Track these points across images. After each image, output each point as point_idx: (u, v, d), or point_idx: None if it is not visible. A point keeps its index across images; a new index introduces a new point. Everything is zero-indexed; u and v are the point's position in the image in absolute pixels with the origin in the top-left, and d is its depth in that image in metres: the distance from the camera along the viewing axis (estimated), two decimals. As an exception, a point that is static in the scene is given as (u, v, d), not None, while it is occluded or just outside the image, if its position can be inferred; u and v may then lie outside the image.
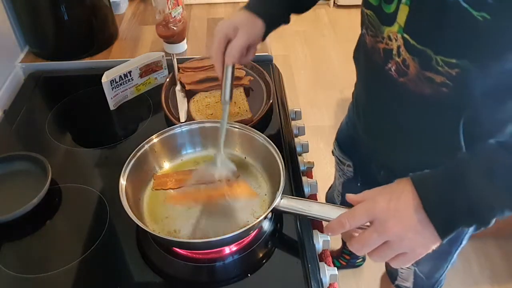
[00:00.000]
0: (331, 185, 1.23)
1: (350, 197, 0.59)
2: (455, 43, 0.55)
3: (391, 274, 1.08)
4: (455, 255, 0.92)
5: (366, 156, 0.90)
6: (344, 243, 1.60)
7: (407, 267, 0.98)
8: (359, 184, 1.02)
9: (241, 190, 0.75)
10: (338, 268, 1.61)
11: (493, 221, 0.53)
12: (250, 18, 0.74)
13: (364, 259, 1.65)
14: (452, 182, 0.52)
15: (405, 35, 0.59)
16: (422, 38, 0.58)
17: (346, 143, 1.01)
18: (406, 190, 0.54)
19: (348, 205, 0.60)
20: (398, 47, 0.62)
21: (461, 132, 0.64)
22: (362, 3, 0.69)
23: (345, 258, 1.63)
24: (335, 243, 1.66)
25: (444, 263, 0.94)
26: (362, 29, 0.72)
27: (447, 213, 0.52)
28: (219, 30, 0.72)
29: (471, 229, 0.60)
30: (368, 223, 0.55)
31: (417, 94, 0.63)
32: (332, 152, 1.07)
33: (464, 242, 0.87)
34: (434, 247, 0.54)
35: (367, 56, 0.71)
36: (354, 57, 0.80)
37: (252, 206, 0.73)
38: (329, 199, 1.26)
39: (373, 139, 0.83)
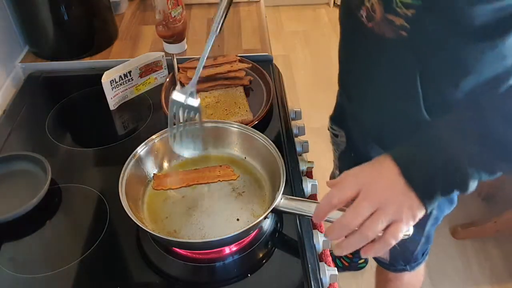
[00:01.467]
0: (332, 171, 1.24)
1: (329, 182, 0.59)
2: None
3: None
4: (427, 227, 0.92)
5: (351, 120, 0.94)
6: None
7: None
8: (352, 155, 1.04)
9: (223, 173, 0.77)
10: (340, 269, 1.62)
11: (471, 185, 0.53)
12: None
13: (366, 261, 1.65)
14: (427, 147, 0.55)
15: None
16: None
17: (337, 114, 1.06)
18: (386, 162, 0.55)
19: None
20: None
21: (418, 80, 0.67)
22: None
23: (348, 258, 1.63)
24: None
25: (417, 234, 0.93)
26: None
27: (425, 177, 0.53)
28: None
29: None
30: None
31: (381, 38, 0.66)
32: (328, 128, 1.10)
33: (434, 212, 0.88)
34: (420, 214, 0.54)
35: (345, 8, 0.76)
36: (338, 17, 0.83)
37: (252, 206, 0.73)
38: (332, 178, 1.28)
39: (352, 97, 0.86)
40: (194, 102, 0.72)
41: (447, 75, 0.66)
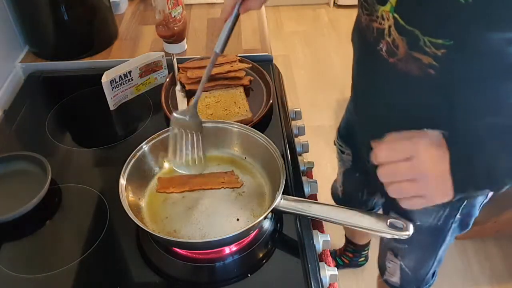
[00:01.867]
0: (336, 178, 1.24)
1: (376, 143, 0.60)
2: (440, 24, 0.57)
3: (380, 269, 1.09)
4: (440, 251, 0.93)
5: (361, 141, 0.92)
6: (347, 240, 1.61)
7: (393, 261, 1.00)
8: (357, 174, 1.03)
9: (228, 180, 0.77)
10: (341, 266, 1.62)
11: (504, 188, 0.57)
12: None
13: (366, 259, 1.65)
14: (471, 146, 0.57)
15: (396, 15, 0.61)
16: (411, 18, 0.59)
17: (345, 131, 1.03)
18: (443, 141, 0.57)
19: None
20: (389, 26, 0.63)
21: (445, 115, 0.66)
22: None
23: (348, 256, 1.63)
24: (338, 241, 1.66)
25: (429, 259, 0.95)
26: (358, 9, 0.73)
27: (466, 170, 0.56)
28: None
29: (455, 226, 0.76)
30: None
31: (406, 74, 0.64)
32: (334, 142, 1.09)
33: (448, 238, 0.88)
34: (446, 199, 0.57)
35: (361, 36, 0.73)
36: (351, 39, 0.82)
37: (252, 206, 0.73)
38: (333, 191, 1.28)
39: (364, 119, 0.84)
40: (197, 120, 0.74)
41: (475, 111, 0.65)
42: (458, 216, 0.82)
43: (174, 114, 0.74)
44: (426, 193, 0.57)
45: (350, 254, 1.62)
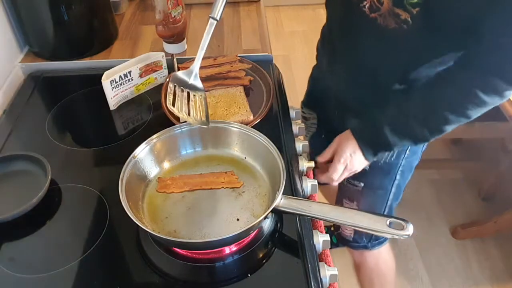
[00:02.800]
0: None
1: (320, 158, 0.92)
2: None
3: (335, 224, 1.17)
4: (390, 195, 1.05)
5: (326, 98, 1.03)
6: None
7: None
8: (323, 136, 1.11)
9: (228, 180, 0.78)
10: (335, 244, 1.62)
11: (400, 144, 0.82)
12: None
13: None
14: (374, 123, 0.83)
15: None
16: None
17: (309, 98, 1.16)
18: (348, 133, 0.87)
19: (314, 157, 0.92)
20: None
21: (406, 62, 0.80)
22: None
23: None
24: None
25: (383, 200, 1.07)
26: None
27: (366, 140, 0.85)
28: None
29: (404, 164, 0.99)
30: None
31: (383, 28, 0.76)
32: (300, 114, 1.14)
33: (398, 177, 1.03)
34: (365, 164, 0.88)
35: None
36: (325, 4, 0.92)
37: (252, 206, 0.73)
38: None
39: (334, 74, 0.95)
40: (198, 83, 0.77)
41: (433, 61, 0.79)
42: (408, 152, 0.98)
43: (178, 73, 0.78)
44: (351, 169, 0.88)
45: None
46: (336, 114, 1.02)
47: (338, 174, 0.88)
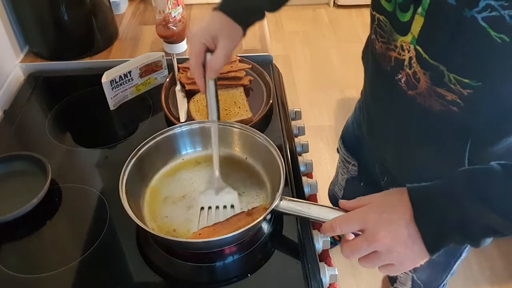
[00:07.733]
0: (333, 180, 1.23)
1: (343, 203, 0.59)
2: (470, 62, 0.52)
3: (390, 277, 1.08)
4: (454, 267, 0.91)
5: (371, 158, 0.90)
6: None
7: (405, 273, 0.98)
8: (362, 184, 1.01)
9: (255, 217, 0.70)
10: (332, 244, 1.61)
11: (485, 241, 0.52)
12: (227, 24, 0.70)
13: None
14: (447, 199, 0.51)
15: (418, 47, 0.56)
16: (436, 53, 0.55)
17: (351, 142, 1.00)
18: (401, 201, 0.53)
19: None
20: (410, 58, 0.59)
21: (467, 151, 0.62)
22: (372, 6, 0.65)
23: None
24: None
25: (443, 273, 0.94)
26: (371, 33, 0.69)
27: (438, 229, 0.51)
28: (196, 41, 0.67)
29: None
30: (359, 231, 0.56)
31: (426, 109, 0.61)
32: (337, 150, 1.07)
33: (464, 255, 0.86)
34: (422, 262, 0.54)
35: (376, 62, 0.68)
36: (362, 58, 0.78)
37: (252, 206, 0.73)
38: (331, 193, 1.26)
39: (377, 143, 0.82)
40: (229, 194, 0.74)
41: (499, 144, 0.61)
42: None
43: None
44: (394, 261, 0.54)
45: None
46: (383, 180, 0.85)
47: (357, 253, 0.56)
